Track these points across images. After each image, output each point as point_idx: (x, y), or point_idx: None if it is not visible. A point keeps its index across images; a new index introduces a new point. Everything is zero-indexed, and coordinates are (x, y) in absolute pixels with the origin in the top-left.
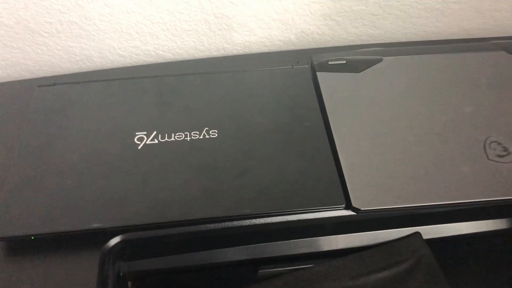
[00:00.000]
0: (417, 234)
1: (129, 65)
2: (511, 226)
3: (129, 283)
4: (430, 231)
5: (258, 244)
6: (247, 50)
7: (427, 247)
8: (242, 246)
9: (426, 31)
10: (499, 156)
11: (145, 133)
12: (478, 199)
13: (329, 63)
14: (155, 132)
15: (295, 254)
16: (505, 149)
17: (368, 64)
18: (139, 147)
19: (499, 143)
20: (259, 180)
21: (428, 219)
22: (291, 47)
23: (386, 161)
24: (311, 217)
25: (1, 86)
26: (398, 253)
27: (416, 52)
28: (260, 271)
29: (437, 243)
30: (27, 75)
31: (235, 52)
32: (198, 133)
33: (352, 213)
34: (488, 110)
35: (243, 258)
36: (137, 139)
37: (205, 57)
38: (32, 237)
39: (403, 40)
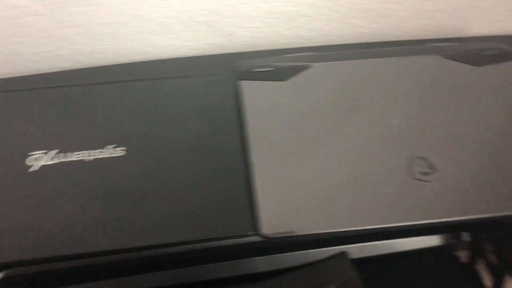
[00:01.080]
0: (343, 254)
1: (43, 71)
2: (442, 243)
3: None
4: (357, 250)
5: (165, 271)
6: (172, 54)
7: (353, 268)
8: (145, 274)
9: (363, 33)
10: (424, 174)
11: (41, 152)
12: (396, 223)
13: (254, 70)
14: (53, 152)
15: (212, 279)
16: (431, 166)
17: (296, 71)
18: (31, 169)
19: (426, 160)
20: (162, 205)
21: (355, 237)
22: (220, 51)
23: (304, 181)
24: (219, 245)
25: None
26: (322, 275)
27: (348, 57)
28: None
29: (365, 262)
30: None
31: (158, 57)
32: (102, 151)
33: (262, 239)
34: (417, 122)
35: (150, 286)
36: (30, 160)
37: (126, 62)
38: None
39: (340, 42)
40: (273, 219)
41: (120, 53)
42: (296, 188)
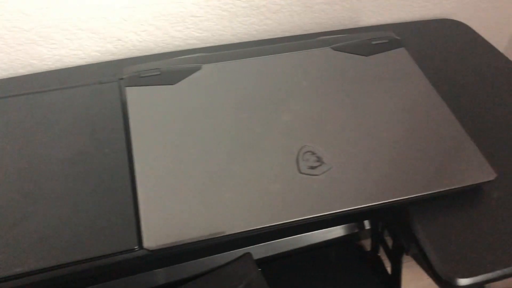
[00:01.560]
0: (246, 256)
1: None
2: (345, 233)
3: None
4: (260, 250)
5: None
6: (59, 65)
7: (257, 269)
8: None
9: (257, 30)
10: (311, 167)
11: None
12: (285, 220)
13: (141, 75)
14: None
15: None
16: (319, 159)
17: (185, 73)
18: None
19: (313, 153)
20: (40, 227)
21: (256, 238)
22: (111, 57)
23: (190, 187)
24: (106, 263)
25: None
26: (227, 279)
27: (239, 56)
28: None
29: (271, 260)
30: None
31: (46, 68)
32: None
33: (147, 253)
34: (307, 116)
35: None
36: None
37: (9, 76)
38: None
39: (235, 41)
40: (156, 230)
41: (1, 68)
42: (181, 195)
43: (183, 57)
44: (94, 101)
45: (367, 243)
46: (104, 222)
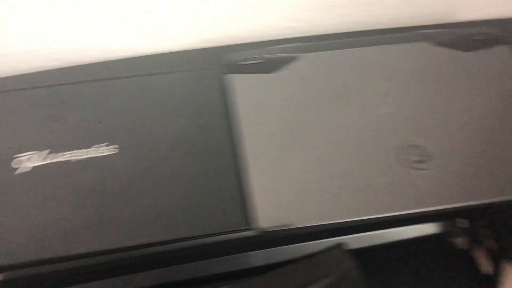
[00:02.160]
0: (340, 245)
1: (29, 71)
2: (438, 230)
3: None
4: (354, 241)
5: (162, 269)
6: (158, 50)
7: (351, 259)
8: (146, 271)
9: (351, 22)
10: (418, 162)
11: (29, 154)
12: (391, 213)
13: (242, 63)
14: (40, 153)
15: (210, 275)
16: (424, 154)
17: (284, 62)
18: (21, 171)
19: (419, 147)
20: (157, 203)
21: (351, 228)
22: (206, 44)
23: (298, 174)
24: (216, 241)
25: None
26: (321, 267)
27: (337, 46)
28: None
29: (362, 253)
30: None
31: (144, 52)
32: (90, 150)
33: (259, 233)
34: (408, 110)
35: (148, 284)
36: (17, 162)
37: (112, 59)
38: None
39: (329, 32)
40: (268, 212)
41: (105, 50)
42: (290, 180)
43: (282, 46)
44: (196, 86)
45: (459, 241)
46: (213, 202)
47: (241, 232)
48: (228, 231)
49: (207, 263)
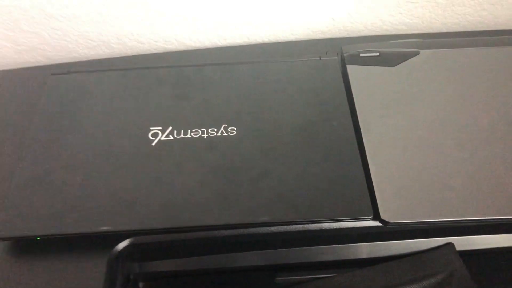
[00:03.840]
0: (450, 245)
1: (149, 52)
2: None
3: (141, 284)
4: (464, 242)
5: (277, 250)
6: (272, 39)
7: (460, 259)
8: (259, 251)
9: (469, 21)
10: None
11: (160, 128)
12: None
13: (361, 55)
14: (170, 128)
15: (317, 262)
16: None
17: (403, 57)
18: (153, 144)
19: None
20: (278, 184)
21: (462, 229)
22: (319, 36)
23: (420, 168)
24: (335, 227)
25: (17, 72)
26: (429, 265)
27: (456, 44)
28: (278, 278)
29: (471, 256)
30: (44, 61)
31: (259, 41)
32: (215, 130)
33: (380, 224)
34: None
35: (259, 263)
36: (152, 135)
37: (228, 45)
38: (38, 238)
39: (443, 30)
40: (391, 205)
41: (222, 36)
42: (412, 175)
43: (400, 41)
44: (316, 75)
45: None
46: (336, 188)
47: (364, 221)
48: (352, 219)
49: (317, 250)
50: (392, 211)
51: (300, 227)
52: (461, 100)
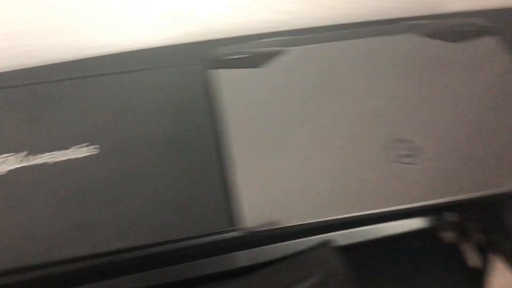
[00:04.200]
0: (326, 243)
1: (5, 69)
2: (426, 225)
3: None
4: (343, 237)
5: (148, 272)
6: (141, 45)
7: (337, 256)
8: (127, 275)
9: (337, 14)
10: (406, 156)
11: (8, 155)
12: (381, 209)
13: (227, 58)
14: (20, 154)
15: (193, 278)
16: (413, 148)
17: (271, 56)
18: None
19: (407, 141)
20: (138, 206)
21: (338, 225)
22: (190, 39)
23: (285, 171)
24: (201, 243)
25: None
26: (307, 266)
27: (323, 39)
28: None
29: (350, 249)
30: None
31: (126, 48)
32: (74, 150)
33: (244, 234)
34: (397, 103)
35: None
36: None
37: (94, 55)
38: None
39: (316, 25)
40: (254, 211)
41: (87, 46)
42: (277, 178)
43: (268, 40)
44: (179, 83)
45: (448, 235)
46: (197, 202)
47: (227, 233)
48: (212, 233)
49: (192, 265)
50: (256, 219)
51: (163, 248)
52: (328, 97)
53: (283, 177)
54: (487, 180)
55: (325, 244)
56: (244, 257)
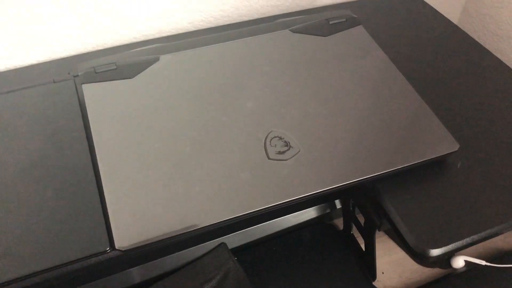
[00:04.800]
0: (222, 246)
1: None
2: (317, 214)
3: None
4: (235, 239)
5: None
6: (7, 66)
7: (233, 258)
8: None
9: (213, 16)
10: (279, 153)
11: None
12: (256, 208)
13: (97, 71)
14: None
15: None
16: (286, 144)
17: (142, 66)
18: None
19: (280, 138)
20: (7, 237)
21: (231, 227)
22: (58, 55)
23: (156, 184)
24: (78, 268)
25: None
26: (205, 271)
27: (197, 44)
28: None
29: (247, 248)
30: None
31: None
32: None
33: (119, 253)
34: (271, 101)
35: None
36: None
37: None
38: None
39: (191, 29)
40: (127, 230)
41: None
42: (149, 192)
43: (139, 49)
44: (50, 101)
45: (339, 222)
46: (73, 225)
47: (103, 255)
48: (88, 256)
49: None
50: (129, 237)
51: (37, 279)
52: (198, 101)
53: (156, 188)
54: (358, 168)
55: (219, 248)
56: (138, 273)
